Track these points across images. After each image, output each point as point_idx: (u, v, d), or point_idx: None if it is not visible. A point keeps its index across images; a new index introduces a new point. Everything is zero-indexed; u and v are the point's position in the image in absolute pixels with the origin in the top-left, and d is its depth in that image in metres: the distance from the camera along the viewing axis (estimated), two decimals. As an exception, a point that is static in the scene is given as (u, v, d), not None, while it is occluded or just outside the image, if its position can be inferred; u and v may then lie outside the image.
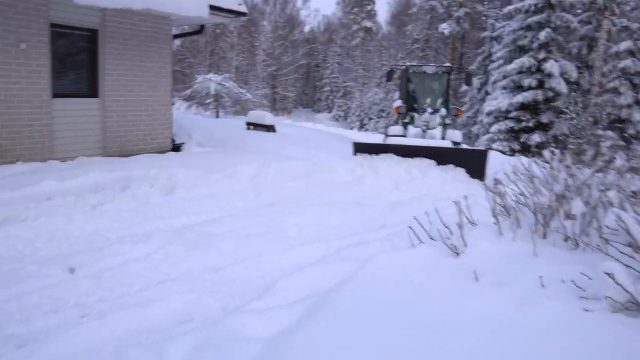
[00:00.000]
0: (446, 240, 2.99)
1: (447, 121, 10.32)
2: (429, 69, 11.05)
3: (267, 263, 3.75)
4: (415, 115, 10.19)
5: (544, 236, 3.11)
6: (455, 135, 10.01)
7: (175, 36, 11.14)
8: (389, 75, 11.47)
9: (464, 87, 28.09)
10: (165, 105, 9.48)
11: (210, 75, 19.88)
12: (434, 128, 9.78)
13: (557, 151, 3.77)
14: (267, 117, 12.59)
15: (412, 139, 9.34)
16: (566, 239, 2.93)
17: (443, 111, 10.17)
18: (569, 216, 3.03)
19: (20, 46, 7.12)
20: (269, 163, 7.30)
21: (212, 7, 8.84)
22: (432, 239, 3.26)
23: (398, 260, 2.86)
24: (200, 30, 11.05)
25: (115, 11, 8.15)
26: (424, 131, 9.57)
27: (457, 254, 2.91)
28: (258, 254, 3.97)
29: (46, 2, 7.32)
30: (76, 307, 3.07)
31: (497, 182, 3.41)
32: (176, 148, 9.55)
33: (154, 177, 5.92)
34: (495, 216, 3.23)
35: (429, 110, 10.06)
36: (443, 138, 9.74)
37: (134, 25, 8.70)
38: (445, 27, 32.64)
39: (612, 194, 2.96)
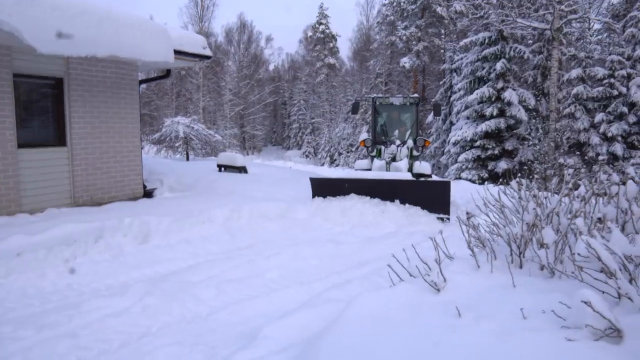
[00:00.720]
0: (426, 277, 3.05)
1: (415, 153, 10.17)
2: (397, 100, 10.92)
3: (249, 309, 3.71)
4: (382, 147, 9.96)
5: (520, 266, 3.20)
6: (424, 167, 9.83)
7: (142, 81, 11.18)
8: (355, 108, 11.21)
9: (430, 119, 28.91)
10: (135, 151, 9.40)
11: (179, 118, 19.87)
12: (400, 160, 9.52)
13: (523, 180, 3.93)
14: (238, 159, 12.61)
15: (375, 172, 9.00)
16: (542, 267, 3.03)
17: (410, 142, 10.00)
18: (542, 245, 3.14)
19: (-17, 98, 7.01)
20: (241, 205, 7.28)
21: (177, 52, 8.96)
22: (412, 276, 3.31)
23: (380, 300, 2.89)
24: (166, 74, 11.13)
25: (80, 59, 8.14)
26: (388, 164, 9.30)
27: (438, 290, 2.96)
28: (238, 299, 3.93)
29: (9, 52, 7.27)
30: (53, 370, 2.95)
31: (469, 215, 3.51)
32: (148, 194, 9.43)
33: (128, 225, 5.82)
34: (471, 249, 3.32)
35: (397, 142, 9.82)
36: (410, 170, 9.52)
37: (100, 72, 8.70)
38: (405, 61, 33.81)
39: (579, 222, 3.10)
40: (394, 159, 9.52)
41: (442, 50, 34.56)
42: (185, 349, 3.09)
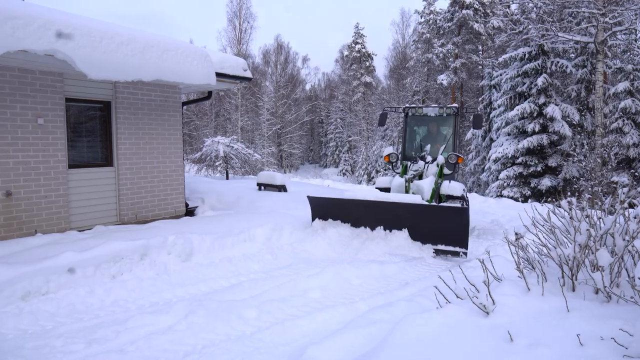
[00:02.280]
0: (474, 299, 2.96)
1: (446, 170, 9.01)
2: (432, 111, 9.72)
3: (293, 329, 3.69)
4: (409, 164, 8.95)
5: (573, 289, 3.07)
6: (453, 188, 8.36)
7: (184, 103, 11.53)
8: (382, 119, 10.05)
9: (469, 135, 28.43)
10: (178, 171, 9.65)
11: (219, 138, 20.34)
12: (423, 178, 8.46)
13: (574, 200, 3.79)
14: (278, 177, 12.73)
15: (388, 194, 7.55)
16: (597, 291, 2.90)
17: (440, 159, 8.82)
18: (596, 267, 3.00)
19: (38, 121, 7.38)
20: (282, 224, 7.32)
21: (219, 74, 9.20)
22: (459, 297, 3.22)
23: (428, 322, 2.82)
24: (208, 96, 11.43)
25: (127, 83, 8.50)
26: (408, 182, 8.20)
27: (487, 313, 2.87)
28: (282, 319, 3.92)
29: (61, 79, 7.66)
30: (102, 386, 3.01)
31: (518, 235, 3.40)
32: (190, 212, 9.63)
33: (171, 244, 5.94)
34: (520, 271, 3.21)
35: (428, 158, 8.80)
36: (437, 191, 8.24)
37: (145, 95, 9.03)
38: (443, 78, 33.56)
39: (638, 243, 2.95)
40: (420, 177, 8.57)
41: (480, 67, 34.14)
42: (229, 368, 3.09)
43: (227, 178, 18.74)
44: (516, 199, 18.77)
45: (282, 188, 12.53)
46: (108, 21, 8.22)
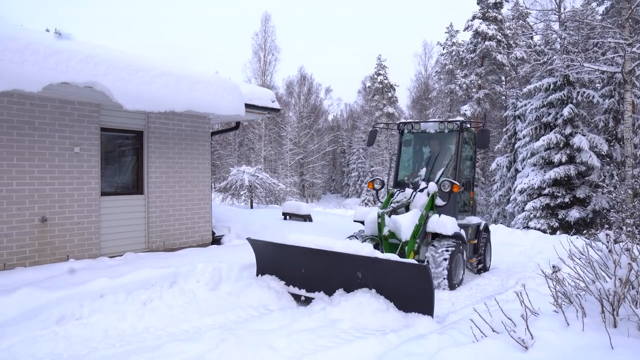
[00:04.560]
0: (511, 333, 2.91)
1: (439, 201, 7.35)
2: (431, 127, 8.06)
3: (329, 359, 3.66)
4: (396, 192, 7.58)
5: (615, 325, 2.99)
6: (442, 224, 6.75)
7: (213, 133, 11.79)
8: (371, 138, 8.50)
9: (493, 166, 28.16)
10: (205, 199, 9.81)
11: (244, 167, 20.66)
12: (410, 211, 6.94)
13: (611, 233, 3.72)
14: (303, 207, 12.81)
15: (328, 241, 5.62)
16: (640, 328, 2.82)
17: (432, 187, 7.29)
18: (638, 303, 2.93)
19: (75, 150, 7.65)
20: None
21: (248, 106, 9.43)
22: (495, 331, 3.17)
23: (465, 357, 2.78)
24: (236, 126, 11.69)
25: (159, 114, 8.78)
26: (381, 217, 6.61)
27: (526, 347, 2.81)
28: (313, 350, 3.90)
29: (98, 109, 7.96)
30: (137, 413, 3.03)
31: (555, 268, 3.35)
32: (216, 241, 9.73)
33: (200, 272, 6.00)
34: (558, 305, 3.14)
35: (422, 184, 7.45)
36: (422, 227, 6.83)
37: (175, 126, 9.29)
38: (466, 109, 33.54)
39: (681, 278, 2.87)
40: (407, 209, 7.16)
41: (504, 97, 34.08)
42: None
43: (252, 207, 18.92)
44: (544, 231, 18.37)
45: (307, 218, 12.59)
46: (142, 54, 8.58)
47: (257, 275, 6.27)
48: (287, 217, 12.96)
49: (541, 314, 3.36)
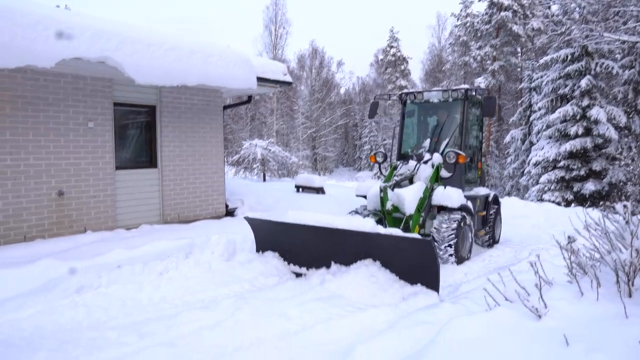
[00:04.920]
0: (525, 302, 2.92)
1: (445, 174, 7.12)
2: (435, 96, 7.72)
3: (337, 328, 3.72)
4: (399, 164, 7.31)
5: (630, 295, 2.98)
6: (448, 196, 6.58)
7: (225, 107, 11.77)
8: (372, 110, 8.30)
9: (508, 139, 27.81)
10: (219, 172, 9.87)
11: (256, 141, 20.68)
12: (415, 183, 6.76)
13: (629, 204, 3.67)
14: (316, 180, 12.84)
15: (327, 217, 5.41)
16: (656, 297, 2.80)
17: (436, 158, 7.05)
18: (654, 273, 2.91)
19: (89, 125, 7.72)
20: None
21: (260, 79, 9.37)
22: (508, 300, 3.17)
23: (477, 325, 2.79)
24: (248, 100, 11.65)
25: (171, 88, 8.77)
26: (384, 191, 6.51)
27: (539, 316, 2.82)
28: (326, 318, 3.96)
29: (110, 84, 7.98)
30: (156, 377, 3.12)
31: (571, 239, 3.33)
32: (230, 213, 9.83)
33: (215, 243, 6.08)
34: (574, 275, 3.14)
35: (426, 156, 7.20)
36: (428, 200, 6.62)
37: (188, 100, 9.29)
38: (480, 81, 32.93)
39: (699, 249, 2.84)
40: (410, 182, 6.89)
41: (519, 69, 33.37)
42: (278, 365, 3.15)
43: (265, 180, 19.02)
44: (558, 204, 18.21)
45: (320, 190, 12.62)
46: (153, 28, 8.52)
47: (258, 252, 6.14)
48: (300, 189, 13.01)
49: (555, 284, 3.36)
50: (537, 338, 2.56)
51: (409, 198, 6.35)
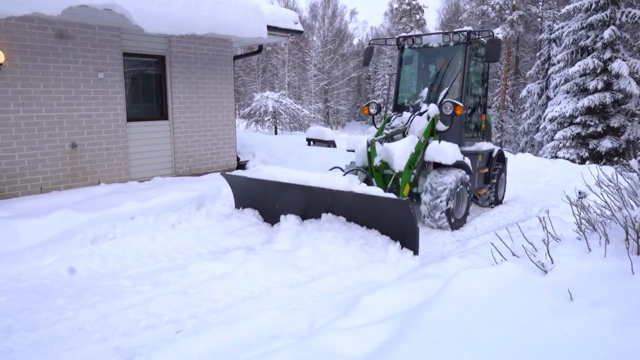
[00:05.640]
0: (532, 257, 2.93)
1: (441, 127, 6.59)
2: (435, 40, 7.08)
3: (346, 279, 3.80)
4: (393, 116, 6.88)
5: (638, 252, 2.97)
6: (443, 151, 6.04)
7: (235, 57, 11.57)
8: (367, 56, 7.55)
9: (524, 93, 27.17)
10: (230, 125, 9.84)
11: (268, 93, 20.47)
12: (406, 137, 6.18)
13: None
14: (327, 133, 12.77)
15: (305, 174, 5.28)
16: (664, 254, 2.80)
17: (432, 110, 6.49)
18: (664, 230, 2.89)
19: (98, 75, 7.67)
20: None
21: (270, 28, 9.14)
22: (515, 255, 3.19)
23: (483, 278, 2.83)
24: (258, 50, 11.42)
25: (180, 37, 8.61)
26: (372, 144, 6.01)
27: (545, 271, 2.84)
28: (336, 270, 4.04)
29: (119, 33, 7.85)
30: (170, 323, 3.26)
31: (581, 194, 3.30)
32: (241, 166, 9.88)
33: (226, 195, 6.15)
34: (582, 231, 3.13)
35: (423, 107, 6.64)
36: (420, 156, 6.14)
37: (197, 50, 9.14)
38: (498, 32, 31.83)
39: None
40: (404, 135, 6.37)
41: (540, 19, 32.13)
42: (286, 313, 3.26)
43: (276, 133, 18.97)
44: (572, 161, 18.01)
45: (331, 144, 12.58)
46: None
47: (237, 208, 6.03)
48: (311, 142, 12.97)
49: (563, 239, 3.37)
50: (542, 292, 2.59)
51: (398, 153, 5.77)
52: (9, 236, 4.61)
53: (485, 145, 7.41)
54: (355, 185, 4.79)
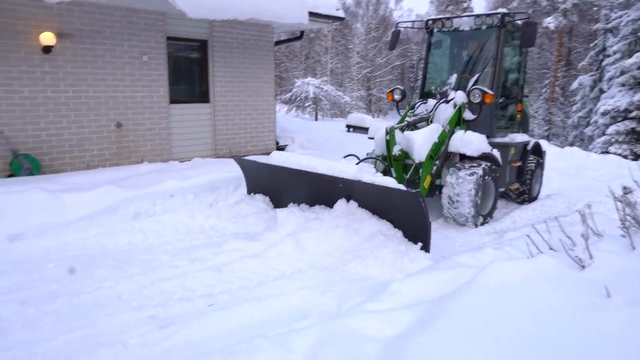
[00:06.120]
0: (569, 252, 2.84)
1: (468, 115, 6.18)
2: (465, 23, 6.61)
3: (374, 267, 3.80)
4: (418, 103, 6.58)
5: (685, 251, 2.83)
6: (468, 141, 5.67)
7: (276, 43, 11.63)
8: (393, 40, 7.21)
9: (575, 85, 26.04)
10: (269, 109, 9.93)
11: (309, 79, 20.50)
12: (430, 125, 5.83)
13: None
14: (367, 120, 12.70)
15: (311, 160, 5.15)
16: None
17: (459, 97, 6.08)
18: None
19: (143, 58, 7.88)
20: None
21: (311, 14, 9.11)
22: (552, 249, 3.10)
23: (516, 270, 2.76)
24: (300, 36, 11.43)
25: (223, 22, 8.73)
26: (391, 133, 5.57)
27: (583, 267, 2.74)
28: (365, 256, 4.04)
29: (163, 18, 8.03)
30: (203, 297, 3.37)
31: (627, 189, 3.16)
32: (280, 150, 9.97)
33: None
34: (627, 228, 3.00)
35: (451, 94, 6.20)
36: (443, 146, 5.74)
37: (239, 35, 9.24)
38: (550, 21, 30.50)
39: None
40: (428, 123, 5.99)
41: (596, 8, 30.55)
42: (315, 293, 3.30)
43: (316, 119, 19.01)
44: (625, 157, 17.18)
45: (370, 131, 12.51)
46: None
47: (249, 194, 5.96)
48: (351, 129, 12.93)
49: (606, 236, 3.24)
50: (578, 288, 2.51)
51: (419, 142, 5.38)
52: (57, 208, 4.86)
53: (519, 137, 6.88)
54: (364, 174, 4.54)
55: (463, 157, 5.75)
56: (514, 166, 6.75)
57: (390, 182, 4.36)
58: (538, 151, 7.31)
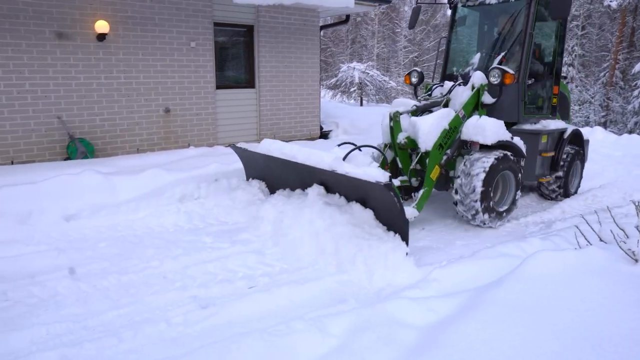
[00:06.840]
0: (621, 244, 2.70)
1: (487, 99, 5.45)
2: None
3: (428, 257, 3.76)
4: (435, 86, 6.02)
5: None
6: (482, 127, 4.88)
7: (322, 27, 11.55)
8: (413, 17, 6.67)
9: (637, 69, 24.47)
10: (314, 94, 9.93)
11: (354, 64, 20.31)
12: (440, 109, 5.22)
13: None
14: (411, 104, 12.45)
15: (290, 146, 4.92)
16: None
17: (478, 78, 5.35)
18: None
19: (191, 44, 8.04)
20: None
21: (357, -4, 9.00)
22: (602, 241, 2.96)
23: (563, 261, 2.66)
24: (345, 20, 11.31)
25: (268, 7, 8.76)
26: (396, 118, 5.05)
27: (636, 260, 2.60)
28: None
29: (210, 4, 8.14)
30: (244, 279, 3.45)
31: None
32: (324, 135, 9.98)
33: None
34: (685, 220, 2.82)
35: (472, 75, 5.48)
36: (457, 134, 5.10)
37: (285, 19, 9.24)
38: (612, 0, 28.71)
39: None
40: (447, 105, 5.40)
41: (665, -16, 28.46)
42: (353, 279, 3.30)
43: (361, 105, 18.88)
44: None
45: (415, 117, 12.28)
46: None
47: (247, 180, 5.84)
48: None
49: (662, 229, 3.05)
50: (628, 282, 2.39)
51: (425, 129, 4.78)
52: (109, 190, 5.08)
53: (553, 124, 5.98)
54: (340, 163, 4.19)
55: (483, 147, 5.00)
56: (545, 156, 5.92)
57: (373, 172, 3.90)
58: (577, 140, 6.45)
